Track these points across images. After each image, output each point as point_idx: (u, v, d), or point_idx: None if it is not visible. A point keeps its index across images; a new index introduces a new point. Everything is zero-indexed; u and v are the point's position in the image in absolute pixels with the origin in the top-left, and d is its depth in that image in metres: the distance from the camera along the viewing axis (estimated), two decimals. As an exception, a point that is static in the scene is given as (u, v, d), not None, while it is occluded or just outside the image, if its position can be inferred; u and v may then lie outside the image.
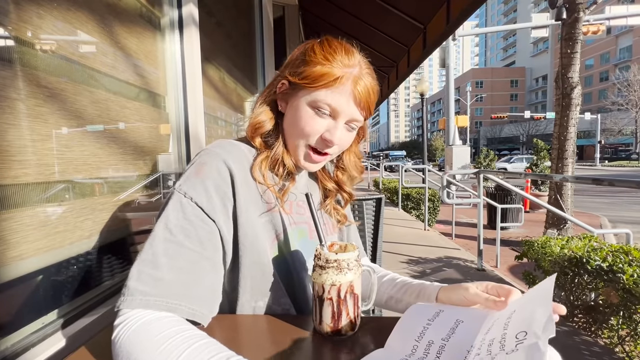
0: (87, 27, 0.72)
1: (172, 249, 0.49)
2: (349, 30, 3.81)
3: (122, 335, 0.43)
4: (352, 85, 0.58)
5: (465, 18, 2.30)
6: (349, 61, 0.59)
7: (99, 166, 0.74)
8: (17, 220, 0.55)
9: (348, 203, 0.78)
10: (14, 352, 0.52)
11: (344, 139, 0.62)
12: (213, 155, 0.56)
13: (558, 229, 4.45)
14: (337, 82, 0.57)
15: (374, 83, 0.61)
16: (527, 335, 0.36)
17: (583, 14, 4.38)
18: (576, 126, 4.51)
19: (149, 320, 0.44)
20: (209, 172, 0.55)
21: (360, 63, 0.60)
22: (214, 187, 0.54)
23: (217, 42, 1.60)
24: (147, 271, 0.48)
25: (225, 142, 0.61)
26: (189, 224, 0.51)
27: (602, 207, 8.29)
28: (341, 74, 0.57)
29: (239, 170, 0.57)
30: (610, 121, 35.70)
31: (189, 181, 0.54)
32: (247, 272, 0.57)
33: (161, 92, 1.04)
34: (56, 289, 0.64)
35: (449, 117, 11.81)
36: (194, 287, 0.50)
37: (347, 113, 0.59)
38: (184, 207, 0.52)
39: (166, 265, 0.48)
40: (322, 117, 0.59)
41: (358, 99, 0.58)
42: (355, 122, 0.62)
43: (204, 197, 0.53)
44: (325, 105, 0.58)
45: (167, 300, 0.47)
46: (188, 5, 1.08)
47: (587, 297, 1.90)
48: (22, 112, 0.56)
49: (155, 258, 0.48)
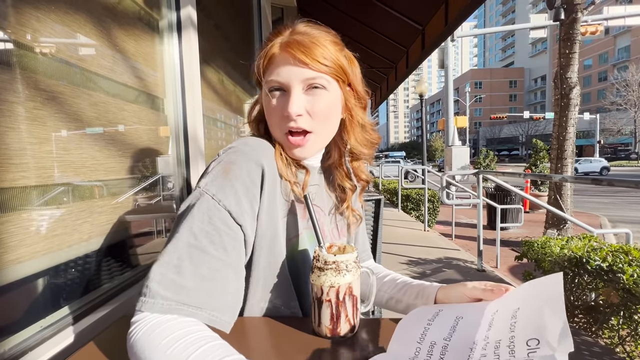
0: (85, 30, 0.72)
1: (196, 255, 0.48)
2: (347, 31, 3.82)
3: (137, 332, 0.43)
4: (283, 50, 0.55)
5: (464, 19, 2.31)
6: (278, 33, 0.57)
7: (97, 169, 0.74)
8: (16, 223, 0.55)
9: (363, 190, 0.75)
10: (12, 355, 0.52)
11: (312, 104, 0.56)
12: (242, 154, 0.54)
13: (558, 229, 4.45)
14: (268, 56, 0.56)
15: (313, 32, 0.56)
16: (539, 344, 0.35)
17: (581, 14, 4.40)
18: (575, 126, 4.52)
19: (165, 320, 0.44)
20: (239, 174, 0.52)
21: (293, 27, 0.57)
22: (244, 190, 0.52)
23: (215, 44, 1.60)
24: (170, 276, 0.46)
25: (251, 139, 0.58)
26: (215, 230, 0.49)
27: (601, 207, 8.30)
28: (270, 47, 0.56)
29: (269, 167, 0.55)
30: (609, 121, 35.76)
31: (217, 181, 0.51)
32: (262, 272, 0.56)
33: (160, 95, 1.04)
34: (55, 292, 0.64)
35: (448, 118, 11.83)
36: (217, 295, 0.49)
37: (294, 78, 0.55)
38: (211, 210, 0.50)
39: (189, 272, 0.47)
40: (277, 98, 0.57)
41: (295, 57, 0.54)
42: (312, 80, 0.55)
43: (233, 201, 0.51)
44: (272, 84, 0.56)
45: (189, 307, 0.46)
46: (186, 7, 1.09)
47: (587, 297, 1.90)
48: (20, 115, 0.56)
49: (179, 262, 0.47)
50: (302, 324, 0.56)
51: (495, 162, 11.29)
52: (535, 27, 12.50)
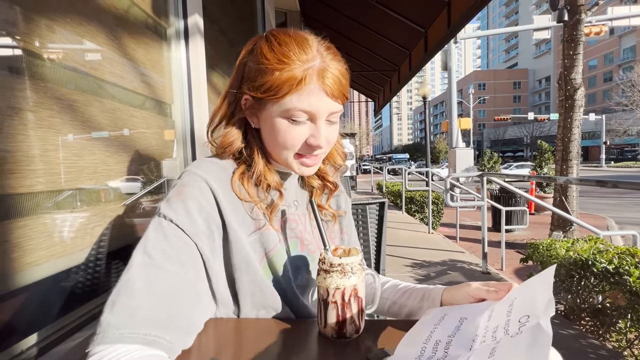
0: (97, 40, 0.75)
1: (151, 272, 0.45)
2: (350, 35, 3.84)
3: None
4: (318, 81, 0.52)
5: (466, 22, 2.32)
6: (307, 55, 0.52)
7: (108, 174, 0.76)
8: (32, 227, 0.57)
9: (332, 193, 0.72)
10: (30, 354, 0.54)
11: (329, 136, 0.57)
12: (193, 175, 0.54)
13: (564, 231, 4.41)
14: (302, 84, 0.52)
15: (341, 67, 0.55)
16: (529, 318, 0.38)
17: (585, 15, 4.38)
18: (580, 127, 4.48)
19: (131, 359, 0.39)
20: (191, 193, 0.52)
21: (320, 51, 0.54)
22: (197, 208, 0.51)
23: (221, 50, 1.63)
24: (122, 300, 0.43)
25: (205, 161, 0.58)
26: (170, 246, 0.48)
27: (608, 208, 8.20)
28: (303, 73, 0.51)
29: (222, 189, 0.54)
30: (615, 122, 35.41)
31: (170, 203, 0.51)
32: (247, 289, 0.57)
33: (168, 100, 1.06)
34: (68, 294, 0.66)
35: (452, 120, 11.80)
36: (174, 315, 0.45)
37: (324, 111, 0.55)
38: (165, 229, 0.49)
39: (143, 291, 0.44)
40: (300, 125, 0.55)
41: (330, 92, 0.53)
42: (334, 114, 0.57)
43: (186, 219, 0.50)
44: (298, 112, 0.53)
45: (145, 332, 0.42)
46: (193, 15, 1.11)
47: (593, 300, 1.89)
48: (36, 124, 0.58)
49: (130, 285, 0.44)
50: (308, 325, 0.57)
51: (499, 164, 11.23)
52: (538, 28, 12.46)
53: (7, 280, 0.53)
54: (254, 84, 0.54)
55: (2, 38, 0.54)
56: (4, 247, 0.53)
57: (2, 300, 0.53)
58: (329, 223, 0.71)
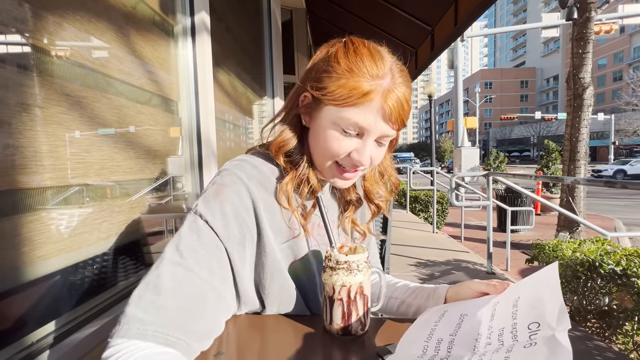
0: (106, 37, 0.75)
1: (180, 273, 0.46)
2: (356, 33, 3.80)
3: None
4: (381, 100, 0.51)
5: (474, 20, 2.29)
6: (378, 71, 0.51)
7: (116, 170, 0.77)
8: (42, 221, 0.58)
9: (375, 216, 0.70)
10: (38, 347, 0.55)
11: (374, 157, 0.56)
12: (234, 178, 0.53)
13: (570, 232, 4.37)
14: (364, 98, 0.50)
15: (407, 92, 0.53)
16: (540, 326, 0.37)
17: (595, 13, 4.31)
18: (588, 127, 4.42)
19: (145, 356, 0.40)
20: (229, 196, 0.52)
21: (392, 70, 0.52)
22: (233, 213, 0.51)
23: (227, 47, 1.63)
24: (149, 297, 0.44)
25: (247, 163, 0.57)
26: (202, 248, 0.49)
27: (616, 209, 8.10)
28: (370, 88, 0.50)
29: (262, 196, 0.54)
30: (624, 122, 34.85)
31: (207, 203, 0.51)
32: (275, 295, 0.58)
33: (174, 98, 1.07)
34: (76, 288, 0.67)
35: (458, 119, 11.71)
36: (197, 319, 0.46)
37: (376, 131, 0.53)
38: (199, 229, 0.50)
39: (170, 291, 0.45)
40: (349, 137, 0.54)
41: (388, 114, 0.51)
42: (386, 137, 0.55)
43: (221, 222, 0.50)
44: (351, 125, 0.52)
45: (168, 333, 0.43)
46: (200, 13, 1.11)
47: (600, 302, 1.87)
48: (45, 120, 0.59)
49: (159, 282, 0.45)
50: (314, 322, 0.58)
51: (505, 164, 11.12)
52: (547, 26, 12.29)
53: (18, 273, 0.54)
54: (318, 84, 0.53)
55: (12, 35, 0.55)
56: (15, 241, 0.54)
57: (14, 293, 0.54)
58: (356, 240, 0.70)
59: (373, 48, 0.54)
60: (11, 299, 0.54)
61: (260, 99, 2.37)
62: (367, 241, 0.77)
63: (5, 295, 0.53)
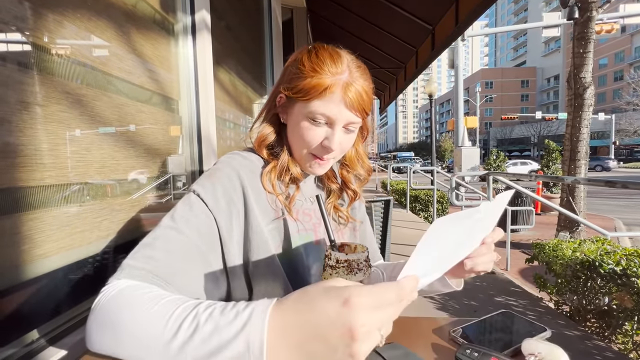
0: (106, 35, 0.75)
1: (171, 234, 0.53)
2: (357, 32, 3.82)
3: (108, 294, 0.45)
4: (342, 92, 0.60)
5: (475, 19, 2.29)
6: (337, 68, 0.60)
7: (116, 168, 0.77)
8: (42, 220, 0.58)
9: (353, 201, 0.78)
10: (37, 346, 0.55)
11: (343, 143, 0.64)
12: (226, 164, 0.62)
13: (570, 231, 4.37)
14: (327, 91, 0.59)
15: (365, 85, 0.62)
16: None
17: (596, 12, 4.30)
18: (589, 127, 4.42)
19: (137, 283, 0.47)
20: (220, 177, 0.60)
21: (350, 67, 0.61)
22: (222, 191, 0.58)
23: (228, 46, 1.63)
24: (142, 251, 0.51)
25: (238, 154, 0.66)
26: (192, 215, 0.55)
27: (616, 209, 8.09)
28: (330, 82, 0.59)
29: (250, 180, 0.62)
30: (625, 121, 34.82)
31: (200, 182, 0.59)
32: (261, 277, 0.60)
33: (175, 96, 1.07)
34: (76, 286, 0.67)
35: (458, 118, 11.69)
36: (180, 274, 0.52)
37: (341, 119, 0.61)
38: (191, 201, 0.57)
39: (161, 247, 0.52)
40: (319, 126, 0.62)
41: (350, 103, 0.60)
42: (352, 124, 0.63)
43: (210, 196, 0.57)
44: (319, 115, 0.61)
45: (153, 277, 0.49)
46: (201, 11, 1.11)
47: (600, 302, 1.87)
48: (46, 118, 0.59)
49: (153, 241, 0.52)
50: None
51: (505, 163, 11.11)
52: (548, 25, 12.27)
53: (18, 271, 0.54)
54: (289, 85, 0.63)
55: (12, 33, 0.55)
56: (15, 239, 0.54)
57: (14, 291, 0.54)
58: (341, 226, 0.77)
59: (332, 50, 0.63)
60: (11, 296, 0.54)
61: (261, 98, 2.37)
62: (363, 231, 0.81)
63: (6, 293, 0.53)
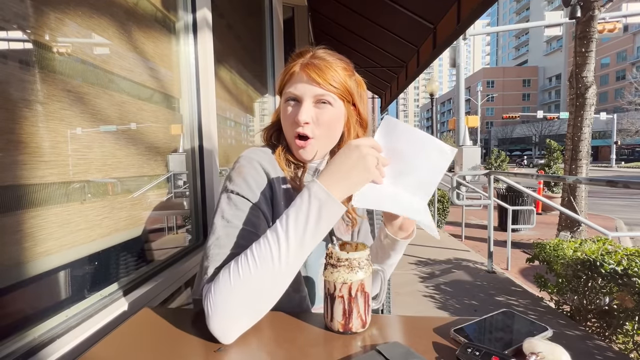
0: (108, 34, 0.75)
1: (232, 232, 0.59)
2: (358, 30, 3.81)
3: (213, 293, 0.51)
4: (303, 71, 0.66)
5: (476, 18, 2.28)
6: (301, 54, 0.69)
7: (117, 166, 0.77)
8: (44, 217, 0.58)
9: None
10: (41, 342, 0.55)
11: (320, 117, 0.68)
12: (248, 159, 0.67)
13: (571, 231, 4.36)
14: (292, 75, 0.68)
15: (328, 59, 0.68)
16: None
17: (598, 11, 4.28)
18: (591, 126, 4.40)
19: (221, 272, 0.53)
20: (249, 171, 0.65)
21: (313, 51, 0.69)
22: (255, 182, 0.64)
23: (229, 45, 1.63)
24: (214, 251, 0.58)
25: (256, 149, 0.72)
26: (242, 212, 0.61)
27: (617, 209, 8.07)
28: (292, 65, 0.68)
29: (271, 169, 0.67)
30: (627, 121, 34.67)
31: (233, 181, 0.64)
32: None
33: (176, 95, 1.06)
34: (78, 284, 0.67)
35: (459, 117, 11.66)
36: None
37: (307, 93, 0.66)
38: (234, 200, 0.62)
39: (227, 245, 0.58)
40: (293, 106, 0.68)
41: (312, 78, 0.65)
42: (321, 96, 0.67)
43: (248, 190, 0.63)
44: (290, 96, 0.68)
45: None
46: (202, 9, 1.11)
47: (600, 302, 1.86)
48: (47, 116, 0.59)
49: (219, 241, 0.58)
50: (315, 319, 0.58)
51: (507, 163, 11.10)
52: (550, 24, 12.22)
53: (19, 269, 0.54)
54: (279, 84, 0.72)
55: (14, 31, 0.55)
56: (17, 237, 0.54)
57: (16, 288, 0.54)
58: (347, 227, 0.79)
59: (304, 48, 0.71)
60: (13, 294, 0.54)
61: (262, 96, 2.37)
62: (366, 231, 0.83)
63: (7, 291, 0.53)
